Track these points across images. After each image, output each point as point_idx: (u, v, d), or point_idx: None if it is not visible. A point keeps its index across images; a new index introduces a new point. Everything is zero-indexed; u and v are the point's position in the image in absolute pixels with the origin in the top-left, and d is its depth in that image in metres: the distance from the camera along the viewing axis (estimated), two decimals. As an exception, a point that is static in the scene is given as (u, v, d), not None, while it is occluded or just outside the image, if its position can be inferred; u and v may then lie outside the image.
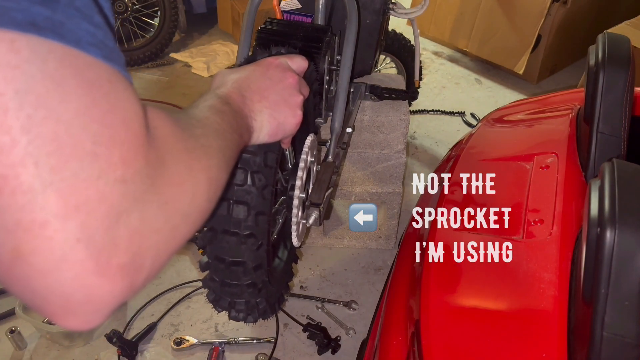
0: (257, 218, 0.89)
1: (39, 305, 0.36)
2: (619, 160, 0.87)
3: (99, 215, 0.34)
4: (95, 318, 0.37)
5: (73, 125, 0.33)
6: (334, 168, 1.23)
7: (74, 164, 0.33)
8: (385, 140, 1.88)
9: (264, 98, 0.71)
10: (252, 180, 0.86)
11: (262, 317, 1.07)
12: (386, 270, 2.03)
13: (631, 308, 0.75)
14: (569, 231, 1.07)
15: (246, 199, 0.87)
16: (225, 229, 0.89)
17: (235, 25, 3.50)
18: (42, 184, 0.32)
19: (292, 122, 0.75)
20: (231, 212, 0.88)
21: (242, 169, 0.86)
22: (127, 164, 0.36)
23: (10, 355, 1.72)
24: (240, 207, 0.87)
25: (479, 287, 1.04)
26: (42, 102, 0.32)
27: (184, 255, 2.06)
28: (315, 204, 1.12)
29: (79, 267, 0.34)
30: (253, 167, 0.86)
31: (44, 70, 0.32)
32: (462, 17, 3.30)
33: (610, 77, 1.20)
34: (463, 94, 3.14)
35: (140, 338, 1.74)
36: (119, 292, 0.36)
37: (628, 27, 2.51)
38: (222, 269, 0.94)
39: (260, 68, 0.75)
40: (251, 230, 0.89)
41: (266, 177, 0.88)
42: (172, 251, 0.42)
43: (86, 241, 0.34)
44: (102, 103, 0.35)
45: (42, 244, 0.33)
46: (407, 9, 1.82)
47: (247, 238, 0.90)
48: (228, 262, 0.92)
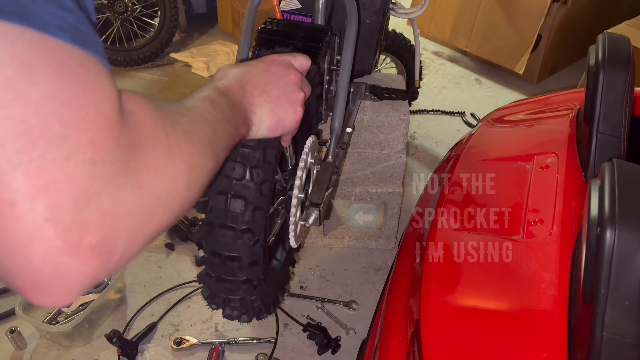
0: (255, 213, 0.89)
1: (11, 282, 0.37)
2: (619, 160, 0.87)
3: (67, 196, 0.35)
4: (66, 296, 0.38)
5: (42, 108, 0.34)
6: (334, 168, 1.23)
7: (42, 145, 0.33)
8: (386, 140, 1.88)
9: (265, 92, 0.71)
10: (250, 175, 0.87)
11: (256, 316, 1.07)
12: (386, 270, 2.03)
13: (631, 308, 0.75)
14: (569, 231, 1.07)
15: (244, 194, 0.88)
16: (222, 223, 0.90)
17: (235, 25, 3.50)
18: (10, 165, 0.33)
19: (293, 117, 0.75)
20: (228, 206, 0.88)
21: (241, 163, 0.86)
22: (97, 147, 0.36)
23: (10, 355, 1.72)
24: (237, 201, 0.88)
25: (478, 287, 1.04)
26: (10, 84, 0.32)
27: (184, 255, 2.06)
28: (315, 203, 1.12)
29: (47, 245, 0.35)
30: (252, 161, 0.86)
31: (12, 53, 0.33)
32: (462, 17, 3.30)
33: (610, 77, 1.20)
34: (463, 94, 3.14)
35: (140, 338, 1.75)
36: (89, 271, 0.37)
37: (628, 27, 2.51)
38: (218, 264, 0.94)
39: (262, 63, 0.76)
40: (248, 225, 0.89)
41: (265, 172, 0.88)
42: (149, 235, 0.42)
43: (54, 221, 0.34)
44: (73, 86, 0.35)
45: (11, 223, 0.34)
46: (407, 9, 1.82)
47: (244, 233, 0.90)
48: (224, 257, 0.93)
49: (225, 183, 0.87)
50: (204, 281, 1.01)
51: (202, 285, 1.03)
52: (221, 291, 1.00)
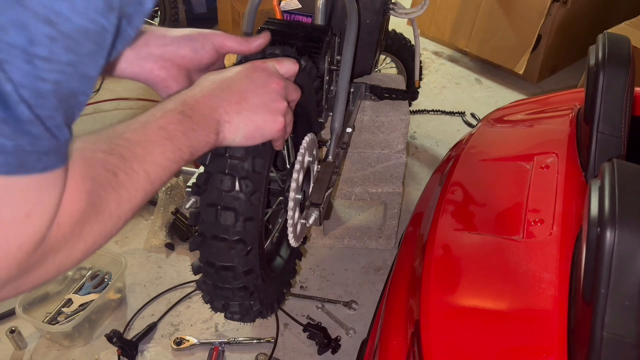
0: (246, 224, 0.88)
1: None
2: (619, 160, 0.87)
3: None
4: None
5: None
6: (334, 168, 1.23)
7: None
8: (386, 140, 1.88)
9: (243, 100, 0.70)
10: (240, 186, 0.86)
11: (259, 317, 1.07)
12: (386, 270, 2.03)
13: (631, 308, 0.75)
14: (569, 231, 1.07)
15: (234, 205, 0.87)
16: (214, 234, 0.89)
17: (235, 25, 3.50)
18: None
19: (272, 127, 0.73)
20: (219, 219, 0.88)
21: (229, 175, 0.85)
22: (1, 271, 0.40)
23: (10, 355, 1.72)
24: (228, 213, 0.87)
25: (478, 287, 1.04)
26: None
27: (184, 255, 2.06)
28: (315, 204, 1.12)
29: None
30: (241, 172, 0.85)
31: None
32: (462, 17, 3.30)
33: (610, 77, 1.20)
34: (463, 94, 3.14)
35: (140, 338, 1.75)
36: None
37: (628, 27, 2.51)
38: (213, 273, 0.94)
39: (244, 70, 0.74)
40: (240, 235, 0.89)
41: (254, 183, 0.87)
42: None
43: None
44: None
45: None
46: (407, 9, 1.83)
47: (236, 244, 0.89)
48: (218, 267, 0.92)
49: (215, 195, 0.86)
50: (202, 288, 1.01)
51: (201, 291, 1.03)
52: (219, 298, 1.00)
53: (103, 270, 1.91)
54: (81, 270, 1.92)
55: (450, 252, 1.11)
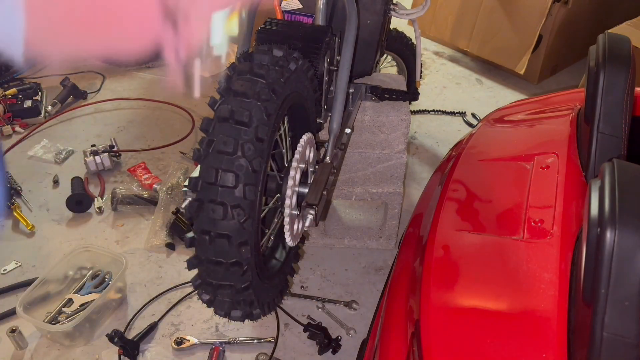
0: (246, 188, 0.92)
1: None
2: (619, 160, 0.87)
3: None
4: None
5: None
6: (331, 169, 1.23)
7: None
8: (386, 141, 1.88)
9: None
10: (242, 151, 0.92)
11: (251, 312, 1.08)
12: (387, 270, 2.03)
13: (631, 308, 0.75)
14: (569, 231, 1.07)
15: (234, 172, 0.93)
16: (212, 198, 0.93)
17: (236, 26, 3.50)
18: None
19: None
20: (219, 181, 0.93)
21: (232, 138, 0.94)
22: None
23: (11, 354, 1.72)
24: (228, 174, 0.91)
25: (478, 287, 1.04)
26: None
27: (184, 255, 2.06)
28: (311, 204, 1.12)
29: None
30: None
31: None
32: (463, 17, 3.30)
33: (610, 77, 1.20)
34: (464, 94, 3.14)
35: (141, 338, 1.75)
36: None
37: (628, 27, 2.51)
38: (207, 243, 0.97)
39: None
40: (238, 202, 0.92)
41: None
42: None
43: None
44: None
45: None
46: (408, 9, 1.83)
47: (234, 209, 0.93)
48: (213, 235, 0.95)
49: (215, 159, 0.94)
50: (193, 264, 1.03)
51: (192, 268, 1.05)
52: (210, 276, 1.02)
53: (104, 270, 1.91)
54: (82, 270, 1.92)
55: (450, 252, 1.11)
